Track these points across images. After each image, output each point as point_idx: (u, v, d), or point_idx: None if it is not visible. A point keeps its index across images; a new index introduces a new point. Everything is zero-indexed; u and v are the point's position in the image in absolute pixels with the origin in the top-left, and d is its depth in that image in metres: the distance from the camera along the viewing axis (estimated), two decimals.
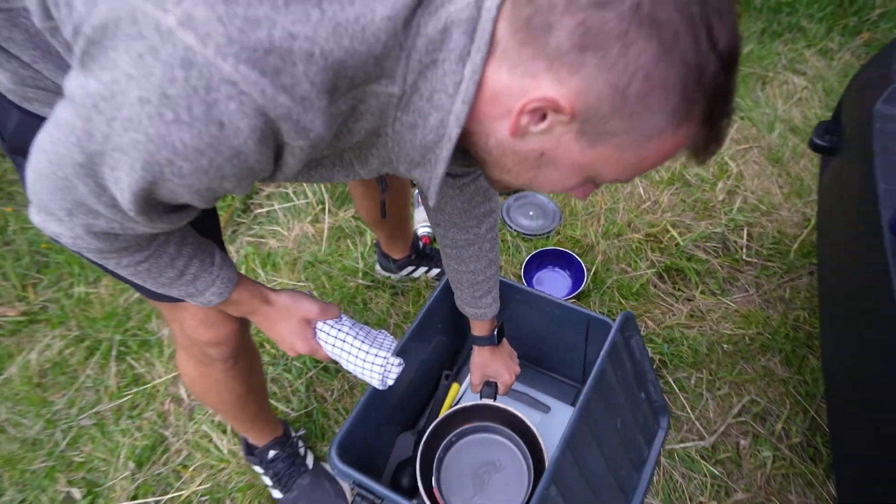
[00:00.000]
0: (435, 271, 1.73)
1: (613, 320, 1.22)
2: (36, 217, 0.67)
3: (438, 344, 1.43)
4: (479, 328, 1.26)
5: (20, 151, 0.77)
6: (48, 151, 0.59)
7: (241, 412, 1.21)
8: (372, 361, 0.94)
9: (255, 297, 0.90)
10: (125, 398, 1.54)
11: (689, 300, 1.65)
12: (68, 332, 1.68)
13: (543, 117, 0.58)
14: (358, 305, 1.68)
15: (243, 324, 1.03)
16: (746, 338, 1.56)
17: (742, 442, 1.39)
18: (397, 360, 0.96)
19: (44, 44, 0.71)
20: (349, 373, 1.05)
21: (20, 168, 0.82)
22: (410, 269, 1.72)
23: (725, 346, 1.55)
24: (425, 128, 0.61)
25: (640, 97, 0.54)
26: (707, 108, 0.55)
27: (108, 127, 0.52)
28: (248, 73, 0.49)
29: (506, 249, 1.79)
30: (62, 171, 0.59)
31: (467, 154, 0.67)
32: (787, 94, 2.22)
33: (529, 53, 0.55)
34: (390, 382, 0.98)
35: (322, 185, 1.98)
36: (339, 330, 0.95)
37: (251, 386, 1.16)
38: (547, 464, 1.12)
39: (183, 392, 1.55)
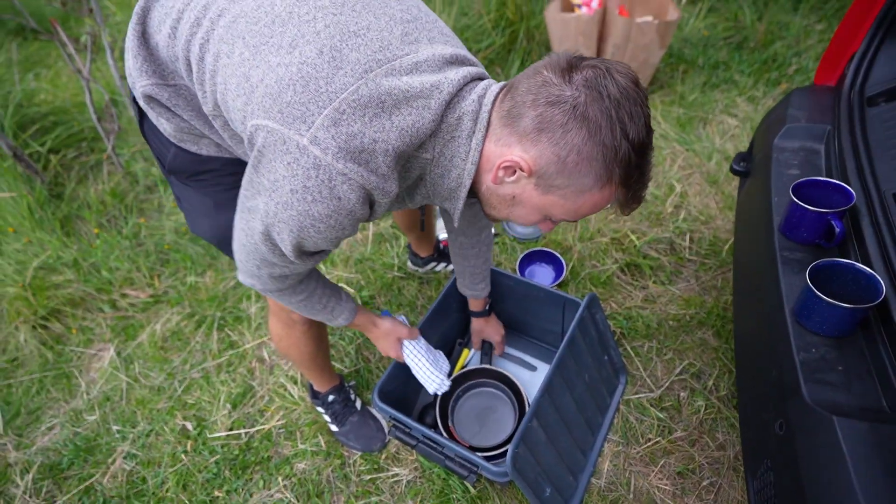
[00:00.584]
0: (451, 266, 1.79)
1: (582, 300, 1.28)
2: (241, 276, 0.84)
3: (454, 319, 1.50)
4: (475, 304, 1.39)
5: (175, 172, 0.89)
6: (244, 230, 0.74)
7: (312, 363, 1.28)
8: (432, 379, 1.18)
9: (367, 322, 1.09)
10: (223, 358, 1.63)
11: (643, 288, 1.69)
12: (183, 309, 1.78)
13: (514, 173, 0.69)
14: (394, 292, 1.76)
15: None
16: (687, 316, 1.59)
17: (682, 394, 1.42)
18: (447, 382, 1.22)
19: (199, 110, 0.81)
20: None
21: (174, 185, 0.95)
22: (433, 264, 1.79)
23: (671, 322, 1.58)
24: (449, 178, 0.73)
25: (574, 164, 0.64)
26: (623, 176, 0.65)
27: (275, 208, 0.66)
28: (353, 166, 0.63)
29: (505, 250, 1.85)
30: (252, 241, 0.74)
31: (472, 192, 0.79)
32: (723, 131, 2.24)
33: (507, 132, 0.67)
34: (439, 393, 1.24)
35: None
36: (416, 349, 1.17)
37: (319, 344, 1.23)
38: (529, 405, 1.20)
39: (266, 354, 1.63)
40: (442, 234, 1.88)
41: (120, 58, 2.91)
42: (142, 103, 0.81)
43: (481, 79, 0.73)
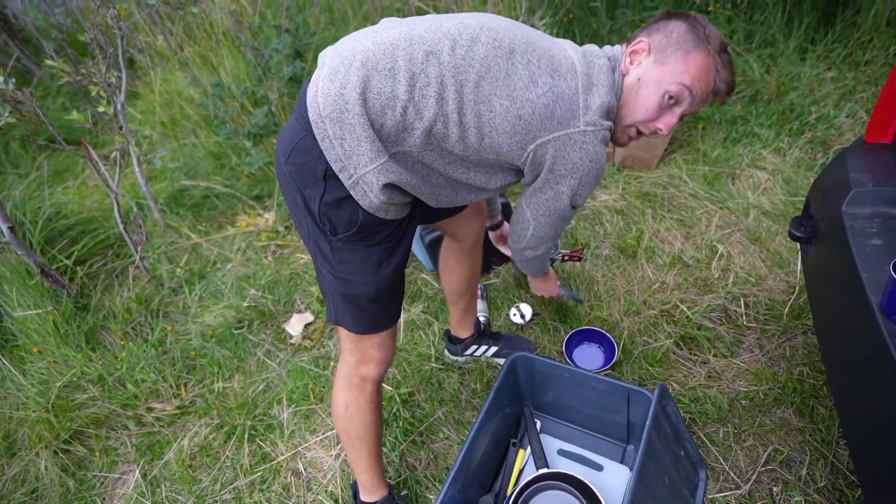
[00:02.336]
0: (493, 349, 1.69)
1: (646, 388, 1.16)
2: (530, 252, 1.18)
3: (505, 416, 1.38)
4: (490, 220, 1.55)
5: (347, 238, 0.98)
6: (552, 210, 1.02)
7: (374, 443, 1.19)
8: None
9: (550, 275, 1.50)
10: (256, 474, 1.51)
11: (704, 363, 1.56)
12: (211, 420, 1.68)
13: (637, 57, 0.96)
14: (434, 386, 1.65)
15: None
16: (760, 393, 1.45)
17: (775, 489, 1.26)
18: None
19: (431, 156, 0.95)
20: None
21: (339, 252, 1.01)
22: (473, 347, 1.69)
23: (743, 401, 1.44)
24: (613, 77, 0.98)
25: (678, 35, 0.94)
26: (718, 46, 0.93)
27: (584, 174, 0.95)
28: (605, 122, 0.94)
29: (547, 331, 1.75)
30: (560, 213, 1.02)
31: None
32: (754, 185, 2.18)
33: (640, 47, 0.97)
34: None
35: None
36: None
37: (381, 419, 1.20)
38: None
39: (301, 466, 1.51)
40: (482, 316, 1.79)
41: (146, 161, 3.01)
42: (354, 182, 0.89)
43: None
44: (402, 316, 1.88)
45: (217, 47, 2.92)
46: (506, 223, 1.60)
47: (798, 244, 1.71)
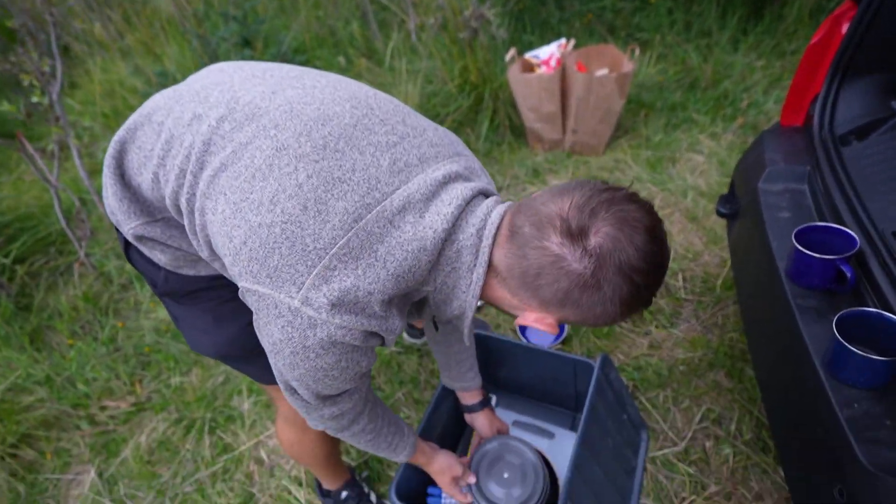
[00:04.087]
0: None
1: (593, 360, 1.24)
2: (315, 422, 0.79)
3: (447, 423, 1.40)
4: (470, 397, 1.22)
5: (168, 295, 0.84)
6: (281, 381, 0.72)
7: (326, 463, 1.19)
8: None
9: (424, 457, 1.02)
10: (218, 465, 1.51)
11: (647, 334, 1.67)
12: (169, 415, 1.66)
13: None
14: (393, 368, 1.68)
15: None
16: (696, 359, 1.57)
17: (707, 444, 1.37)
18: None
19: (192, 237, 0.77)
20: None
21: (168, 305, 0.89)
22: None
23: (681, 367, 1.56)
24: (452, 307, 0.70)
25: (595, 318, 0.63)
26: (624, 315, 0.63)
27: (283, 369, 0.66)
28: (350, 318, 0.60)
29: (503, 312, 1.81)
30: (285, 392, 0.72)
31: None
32: (692, 168, 2.32)
33: (523, 290, 0.63)
34: None
35: None
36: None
37: (334, 443, 1.15)
38: (560, 485, 1.10)
39: (264, 454, 1.52)
40: None
41: (87, 154, 2.87)
42: (131, 240, 0.76)
43: (482, 194, 0.69)
44: None
45: (160, 35, 2.81)
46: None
47: (725, 221, 1.83)
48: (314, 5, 3.38)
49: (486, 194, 0.69)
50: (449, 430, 1.38)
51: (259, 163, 0.62)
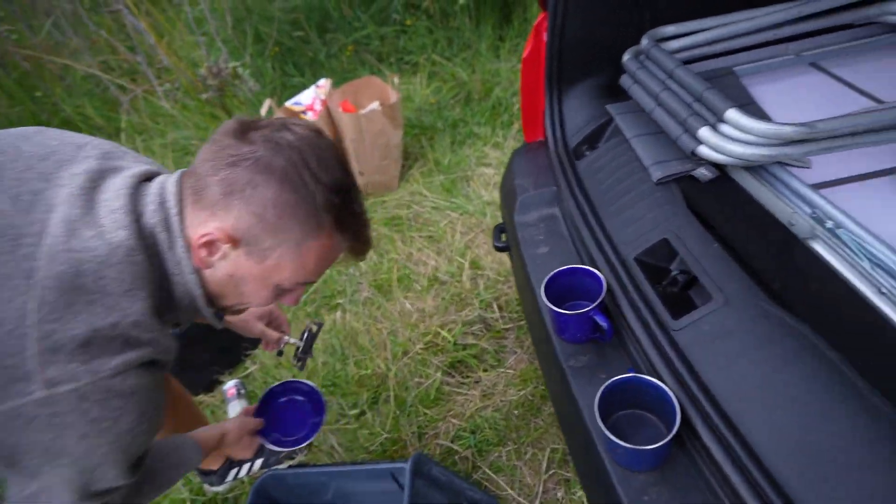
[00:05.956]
0: (258, 461, 1.39)
1: (416, 450, 1.03)
2: None
3: None
4: None
5: None
6: None
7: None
8: None
9: (213, 440, 0.97)
10: None
11: (476, 382, 1.53)
12: None
13: (218, 248, 0.62)
14: None
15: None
16: (528, 395, 1.46)
17: (559, 493, 1.25)
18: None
19: None
20: None
21: None
22: (234, 471, 1.37)
23: (516, 411, 1.43)
24: (183, 300, 0.66)
25: (276, 218, 0.60)
26: (334, 220, 0.63)
27: (80, 460, 0.59)
28: (115, 359, 0.56)
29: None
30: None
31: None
32: (485, 183, 2.29)
33: (198, 209, 0.61)
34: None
35: None
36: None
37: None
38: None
39: None
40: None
41: None
42: None
43: (147, 178, 0.65)
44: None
45: None
46: None
47: None
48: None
49: (146, 177, 0.66)
50: None
51: None
